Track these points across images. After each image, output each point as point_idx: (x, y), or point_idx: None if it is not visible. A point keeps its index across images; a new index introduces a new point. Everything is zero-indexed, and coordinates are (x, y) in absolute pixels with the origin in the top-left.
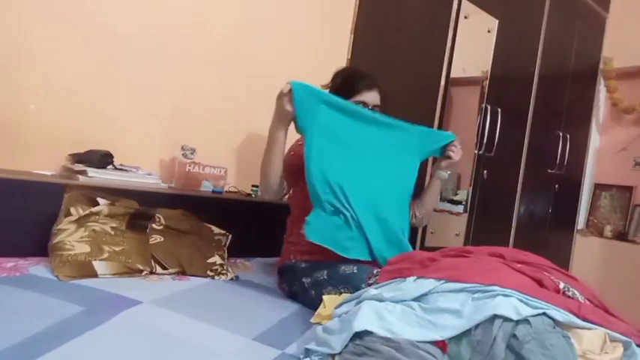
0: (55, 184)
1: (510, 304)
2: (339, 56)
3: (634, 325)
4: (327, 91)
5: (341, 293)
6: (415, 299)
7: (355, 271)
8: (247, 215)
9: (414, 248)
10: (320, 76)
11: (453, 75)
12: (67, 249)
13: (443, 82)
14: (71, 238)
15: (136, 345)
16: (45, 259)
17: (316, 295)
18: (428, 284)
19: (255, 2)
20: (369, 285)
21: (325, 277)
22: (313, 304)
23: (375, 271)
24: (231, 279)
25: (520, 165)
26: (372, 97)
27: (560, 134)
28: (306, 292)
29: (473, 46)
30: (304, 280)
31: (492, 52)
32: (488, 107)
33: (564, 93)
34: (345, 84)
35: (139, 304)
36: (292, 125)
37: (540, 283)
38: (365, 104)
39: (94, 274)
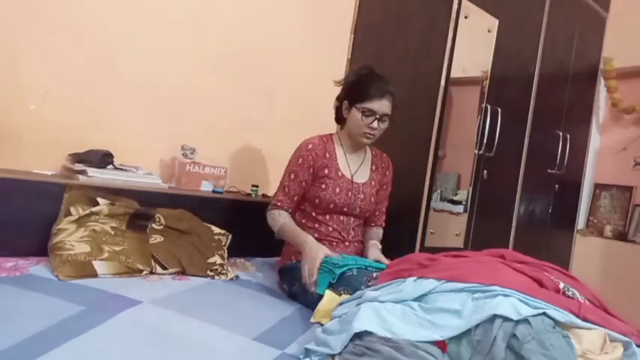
0: (55, 184)
1: (510, 304)
2: (339, 56)
3: (634, 325)
4: (340, 87)
5: (341, 294)
6: (415, 299)
7: (355, 272)
8: (247, 215)
9: (414, 249)
10: (320, 76)
11: (453, 75)
12: (67, 249)
13: (443, 82)
14: (71, 237)
15: (136, 345)
16: (45, 259)
17: (316, 295)
18: (428, 284)
19: (255, 2)
20: (369, 286)
21: None
22: (313, 305)
23: (374, 274)
24: (231, 279)
25: (520, 165)
26: (381, 106)
27: (560, 134)
28: (306, 292)
29: (473, 46)
30: (304, 280)
31: (492, 52)
32: (488, 107)
33: (564, 93)
34: (356, 86)
35: (139, 304)
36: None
37: (540, 283)
38: (372, 112)
39: (94, 274)
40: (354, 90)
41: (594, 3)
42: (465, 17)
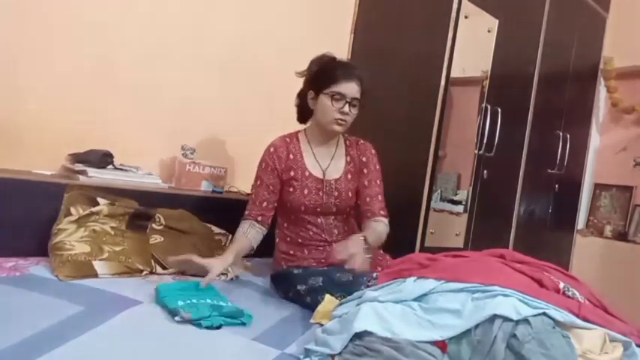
0: (55, 184)
1: (510, 304)
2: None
3: (634, 325)
4: (303, 79)
5: (339, 299)
6: (415, 299)
7: (351, 278)
8: None
9: (414, 249)
10: None
11: (453, 75)
12: (67, 249)
13: (443, 82)
14: (71, 237)
15: (136, 345)
16: (45, 259)
17: (312, 301)
18: (428, 284)
19: (255, 3)
20: (369, 286)
21: (321, 283)
22: (311, 308)
23: (374, 275)
24: (231, 279)
25: (520, 165)
26: (350, 89)
27: (560, 134)
28: (302, 298)
29: (473, 46)
30: (299, 287)
31: (492, 52)
32: (488, 107)
33: (564, 93)
34: (321, 72)
35: (139, 304)
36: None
37: (540, 283)
38: (342, 95)
39: (94, 274)
40: (320, 77)
41: (594, 3)
42: (465, 17)
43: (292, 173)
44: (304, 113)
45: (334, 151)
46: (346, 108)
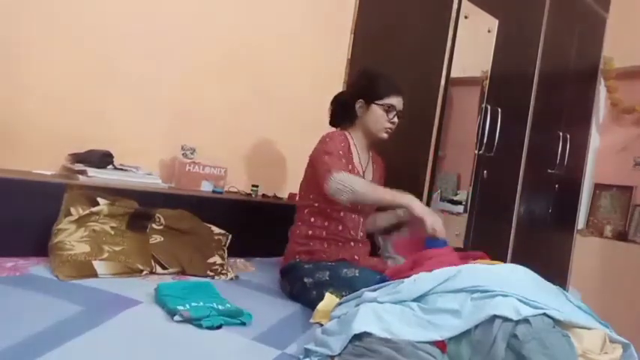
0: (55, 184)
1: (510, 304)
2: (339, 56)
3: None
4: (350, 90)
5: (342, 296)
6: (414, 300)
7: (357, 274)
8: (247, 215)
9: None
10: (320, 76)
11: (453, 75)
12: (67, 249)
13: (443, 82)
14: (71, 237)
15: (136, 345)
16: (45, 259)
17: (317, 295)
18: (426, 285)
19: (256, 3)
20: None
21: (327, 278)
22: (314, 305)
23: (377, 277)
24: (231, 279)
25: (520, 165)
26: (399, 102)
27: (560, 134)
28: (307, 292)
29: (473, 46)
30: (306, 280)
31: (492, 52)
32: (489, 107)
33: (564, 93)
34: (375, 85)
35: (139, 304)
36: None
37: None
38: (393, 107)
39: (94, 274)
40: (374, 89)
41: (594, 3)
42: (465, 17)
43: (350, 166)
44: (341, 117)
45: (368, 156)
46: (395, 118)
